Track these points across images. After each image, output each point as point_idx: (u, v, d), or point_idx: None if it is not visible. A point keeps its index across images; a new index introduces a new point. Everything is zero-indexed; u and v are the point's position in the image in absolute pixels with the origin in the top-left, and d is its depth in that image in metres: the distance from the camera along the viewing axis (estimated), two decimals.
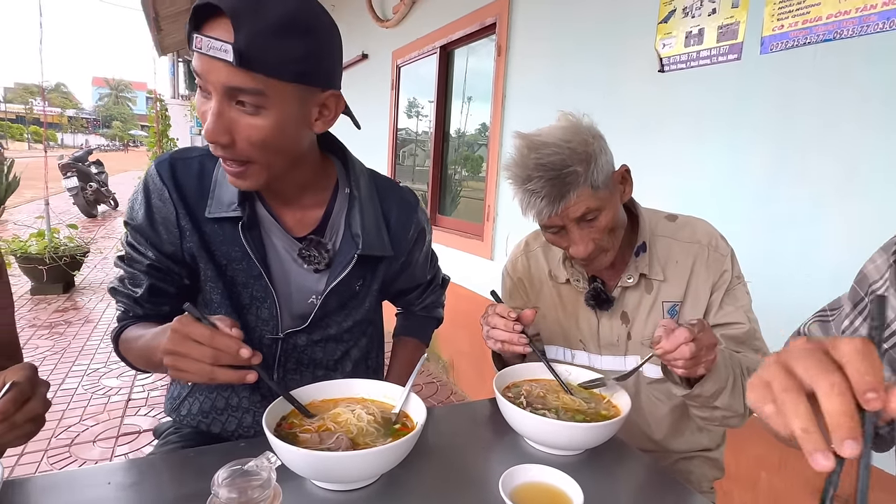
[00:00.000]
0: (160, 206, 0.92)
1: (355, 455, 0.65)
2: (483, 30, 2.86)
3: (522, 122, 2.57)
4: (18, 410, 0.63)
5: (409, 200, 1.09)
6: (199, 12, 0.73)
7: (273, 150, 0.81)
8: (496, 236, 2.78)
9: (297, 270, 0.98)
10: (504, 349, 0.96)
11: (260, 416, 1.02)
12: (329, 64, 0.81)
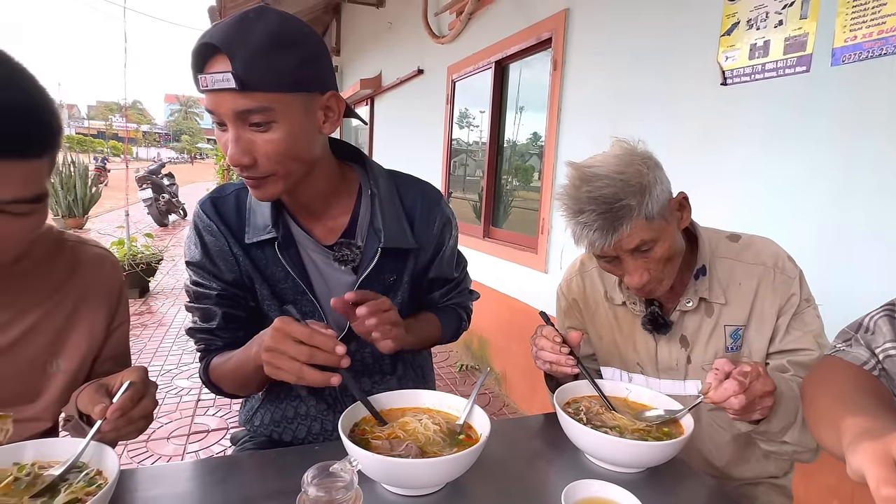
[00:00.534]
0: (212, 241, 1.00)
1: (425, 463, 0.69)
2: (539, 44, 2.89)
3: (578, 136, 2.57)
4: (135, 407, 0.71)
5: (431, 194, 1.12)
6: (198, 57, 0.82)
7: (291, 160, 0.88)
8: (550, 249, 2.78)
9: (336, 280, 1.03)
10: (553, 370, 0.98)
11: (327, 424, 1.08)
12: (320, 67, 0.88)
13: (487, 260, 3.41)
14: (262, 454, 0.91)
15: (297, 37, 0.84)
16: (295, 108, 0.85)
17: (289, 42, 0.82)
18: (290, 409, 1.08)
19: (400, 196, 1.08)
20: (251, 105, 0.81)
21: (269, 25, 0.81)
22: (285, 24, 0.83)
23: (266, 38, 0.79)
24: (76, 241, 0.91)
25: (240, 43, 0.78)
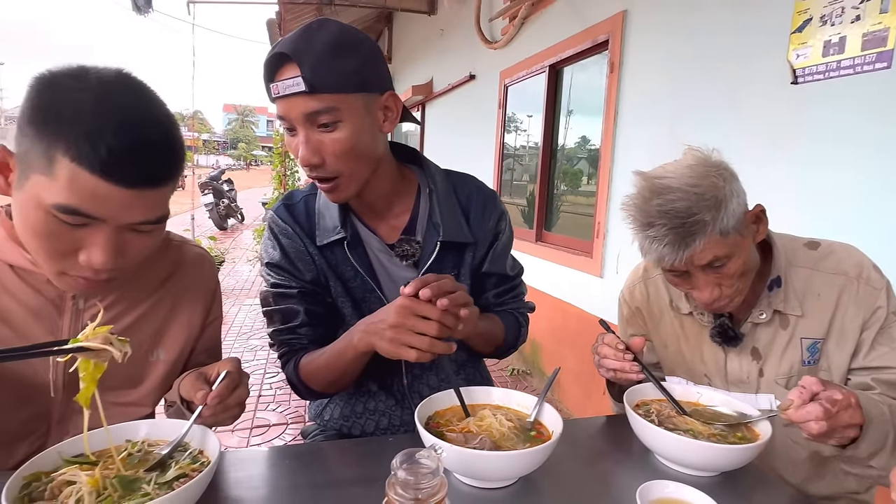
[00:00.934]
0: (289, 242, 1.06)
1: (503, 455, 0.72)
2: (595, 47, 2.87)
3: (635, 139, 2.53)
4: (231, 395, 0.77)
5: (485, 190, 1.16)
6: (270, 67, 0.90)
7: (356, 158, 0.93)
8: (606, 253, 2.74)
9: (400, 277, 1.07)
10: (617, 377, 0.97)
11: (394, 419, 1.12)
12: (378, 69, 0.95)
13: (540, 264, 3.40)
14: (340, 444, 0.96)
15: (356, 42, 0.91)
16: (358, 108, 0.91)
17: (349, 47, 0.90)
18: (360, 405, 1.13)
19: (455, 192, 1.12)
20: (319, 106, 0.88)
21: (331, 34, 0.89)
22: (344, 32, 0.91)
23: (328, 44, 0.88)
24: (180, 242, 0.99)
25: (306, 50, 0.87)
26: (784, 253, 1.00)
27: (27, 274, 0.81)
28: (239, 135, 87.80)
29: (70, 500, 0.61)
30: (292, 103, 0.89)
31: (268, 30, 8.27)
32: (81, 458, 0.69)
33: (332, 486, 0.77)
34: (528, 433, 0.82)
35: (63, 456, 0.68)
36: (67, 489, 0.62)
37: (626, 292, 1.22)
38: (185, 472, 0.68)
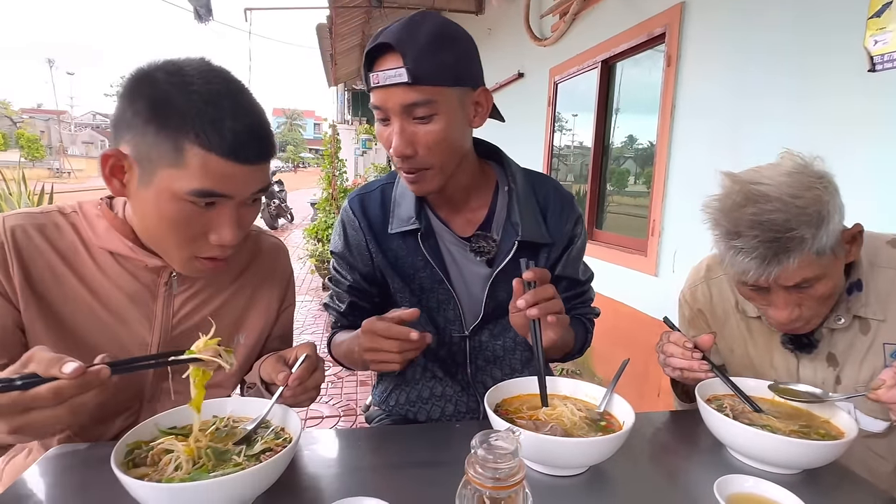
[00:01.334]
0: (353, 235, 1.11)
1: (577, 442, 0.72)
2: (650, 41, 2.80)
3: (693, 135, 2.46)
4: (309, 377, 0.80)
5: (564, 192, 1.15)
6: (371, 55, 0.91)
7: (447, 151, 0.95)
8: (662, 252, 2.67)
9: (470, 270, 1.09)
10: (684, 377, 0.94)
11: (460, 405, 1.14)
12: (474, 64, 0.97)
13: (591, 263, 3.32)
14: (408, 428, 0.98)
15: (456, 36, 0.93)
16: (453, 102, 0.93)
17: (450, 40, 0.91)
18: (426, 390, 1.15)
19: (534, 192, 1.12)
20: (418, 98, 0.89)
21: (434, 26, 0.90)
22: (445, 25, 0.92)
23: (432, 36, 0.89)
24: (257, 232, 1.04)
25: (409, 41, 0.88)
26: (865, 254, 0.93)
27: (126, 261, 0.87)
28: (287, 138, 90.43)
29: (169, 466, 0.65)
30: (391, 93, 0.90)
31: (317, 34, 8.50)
32: (175, 430, 0.74)
33: (404, 468, 0.79)
34: (598, 423, 0.81)
35: (159, 427, 0.73)
36: (166, 457, 0.66)
37: (687, 293, 1.18)
38: (269, 447, 0.71)
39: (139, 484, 0.58)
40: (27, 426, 0.59)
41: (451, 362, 1.14)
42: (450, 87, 0.91)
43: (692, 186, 2.47)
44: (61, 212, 0.87)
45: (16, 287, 0.80)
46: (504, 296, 1.09)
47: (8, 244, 0.80)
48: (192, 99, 0.72)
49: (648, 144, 2.99)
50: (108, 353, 0.85)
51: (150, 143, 0.73)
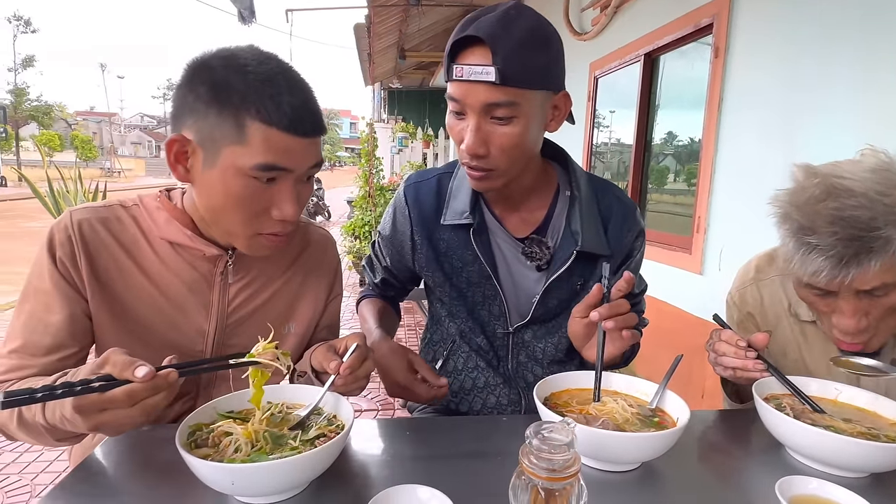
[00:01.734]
0: (401, 222, 1.11)
1: (633, 437, 0.70)
2: (696, 32, 2.72)
3: (741, 129, 2.38)
4: (360, 367, 0.81)
5: (627, 202, 1.11)
6: (457, 47, 0.86)
7: (519, 154, 0.92)
8: (707, 249, 2.60)
9: (520, 271, 1.07)
10: (736, 376, 0.91)
11: (502, 398, 1.13)
12: (562, 67, 0.92)
13: None
14: (455, 419, 0.99)
15: (548, 36, 0.88)
16: (535, 105, 0.89)
17: (542, 41, 0.87)
18: (469, 381, 1.15)
19: (597, 199, 1.08)
20: (502, 98, 0.85)
21: (529, 23, 0.86)
22: (540, 23, 0.88)
23: (526, 34, 0.84)
24: (305, 223, 1.06)
25: (503, 38, 0.83)
26: None
27: (184, 251, 0.90)
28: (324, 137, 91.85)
29: (229, 448, 0.67)
30: (473, 89, 0.86)
31: (355, 33, 8.61)
32: (233, 413, 0.76)
33: (452, 458, 0.79)
34: (651, 419, 0.80)
35: (218, 411, 0.76)
36: (226, 439, 0.69)
37: (735, 295, 1.14)
38: (323, 433, 0.73)
39: (202, 463, 0.61)
40: (104, 424, 0.64)
41: (494, 355, 1.14)
42: (535, 90, 0.87)
43: (740, 182, 2.38)
44: (122, 205, 0.91)
45: (83, 278, 0.84)
46: (555, 303, 1.07)
47: (76, 237, 0.84)
48: (249, 79, 0.75)
49: (693, 139, 2.90)
50: (171, 344, 0.89)
51: (212, 124, 0.76)
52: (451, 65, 0.87)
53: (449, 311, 1.14)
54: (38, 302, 0.83)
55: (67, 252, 0.83)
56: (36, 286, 0.84)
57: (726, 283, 1.19)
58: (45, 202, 5.08)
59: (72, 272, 0.84)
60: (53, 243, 0.83)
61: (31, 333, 0.83)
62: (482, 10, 0.87)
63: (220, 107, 0.75)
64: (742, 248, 2.36)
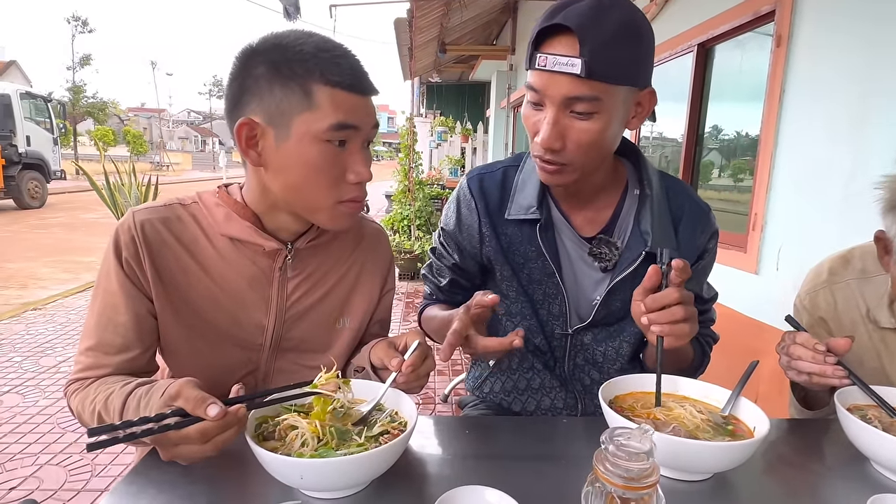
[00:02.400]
0: (467, 215, 1.07)
1: (706, 446, 0.67)
2: (756, 20, 2.59)
3: (804, 121, 2.26)
4: (422, 364, 0.80)
5: (700, 202, 1.05)
6: (543, 34, 0.83)
7: (595, 151, 0.88)
8: (764, 248, 2.48)
9: (584, 270, 1.03)
10: (812, 382, 0.86)
11: (557, 400, 1.10)
12: (651, 62, 0.87)
13: None
14: (514, 420, 0.97)
15: (643, 29, 0.83)
16: (618, 101, 0.85)
17: (636, 34, 0.82)
18: (523, 381, 1.13)
19: (668, 198, 1.03)
20: (585, 93, 0.81)
21: (623, 14, 0.81)
22: (634, 15, 0.82)
23: (619, 27, 0.80)
24: (360, 217, 1.06)
25: (594, 29, 0.79)
26: None
27: (243, 246, 0.90)
28: None
29: (296, 441, 0.68)
30: (556, 81, 0.82)
31: (395, 28, 8.64)
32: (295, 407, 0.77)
33: (514, 459, 0.78)
34: (724, 427, 0.76)
35: (282, 404, 0.76)
36: (292, 433, 0.69)
37: (805, 298, 1.08)
38: (386, 429, 0.72)
39: (273, 457, 0.61)
40: (178, 456, 0.68)
41: (550, 356, 1.11)
42: (620, 85, 0.83)
43: (802, 178, 2.26)
44: (181, 203, 0.91)
45: (148, 278, 0.86)
46: (618, 305, 1.03)
47: (139, 238, 0.85)
48: (306, 48, 0.79)
49: (749, 133, 2.78)
50: (228, 334, 0.91)
51: (279, 99, 0.79)
52: (535, 53, 0.83)
53: (508, 309, 1.11)
54: (107, 303, 0.86)
55: (132, 253, 0.85)
56: (104, 287, 0.86)
57: (784, 284, 1.13)
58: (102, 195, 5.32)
59: (137, 272, 0.85)
60: (119, 244, 0.85)
61: (103, 332, 0.85)
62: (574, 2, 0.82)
63: (283, 80, 0.78)
64: (802, 247, 2.25)
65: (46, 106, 12.99)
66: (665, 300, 0.79)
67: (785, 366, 0.91)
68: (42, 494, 2.08)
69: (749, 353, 1.69)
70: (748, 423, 0.77)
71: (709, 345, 1.12)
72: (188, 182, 22.18)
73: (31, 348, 3.67)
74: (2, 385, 3.07)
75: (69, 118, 20.63)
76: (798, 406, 1.06)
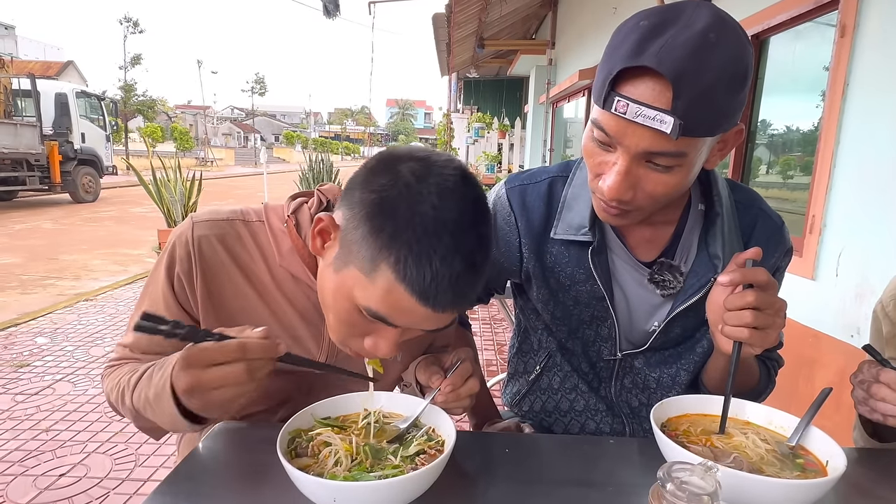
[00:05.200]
0: (505, 231, 0.98)
1: (770, 483, 0.60)
2: (817, 9, 2.43)
3: (871, 116, 2.10)
4: (463, 385, 0.76)
5: (772, 216, 0.95)
6: (623, 74, 0.68)
7: (667, 199, 0.78)
8: (822, 252, 2.33)
9: (640, 295, 0.95)
10: (891, 424, 0.77)
11: (603, 425, 1.04)
12: (745, 101, 0.73)
13: None
14: (558, 439, 0.92)
15: (748, 69, 0.69)
16: (703, 150, 0.74)
17: (741, 81, 0.68)
18: (566, 402, 1.06)
19: (738, 215, 0.93)
20: (670, 149, 0.70)
21: (730, 53, 0.66)
22: (742, 52, 0.68)
23: (723, 72, 0.66)
24: None
25: (694, 78, 0.64)
26: None
27: (301, 283, 0.85)
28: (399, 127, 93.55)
29: (329, 459, 0.65)
30: (636, 132, 0.69)
31: (433, 24, 8.60)
32: (329, 420, 0.74)
33: (560, 484, 0.73)
34: (793, 460, 0.69)
35: (315, 417, 0.74)
36: (325, 449, 0.66)
37: (889, 305, 0.98)
38: (423, 449, 0.69)
39: (306, 477, 0.58)
40: (204, 385, 0.62)
41: (595, 377, 1.04)
42: (712, 136, 0.72)
43: (867, 178, 2.11)
44: (244, 219, 0.86)
45: (197, 297, 0.82)
46: (678, 331, 0.95)
47: (195, 255, 0.81)
48: (412, 220, 0.62)
49: (806, 127, 2.62)
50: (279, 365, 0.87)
51: (357, 237, 0.66)
52: (611, 93, 0.69)
53: (546, 325, 1.04)
54: (150, 307, 0.83)
55: (185, 269, 0.81)
56: (152, 290, 0.84)
57: (843, 291, 1.03)
58: (150, 190, 5.50)
59: (186, 291, 0.82)
60: (174, 256, 0.82)
61: (141, 336, 0.83)
62: (666, 18, 0.67)
63: (370, 229, 0.64)
64: (866, 252, 2.10)
65: (100, 104, 13.58)
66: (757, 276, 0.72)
67: (860, 400, 0.82)
68: (89, 482, 2.15)
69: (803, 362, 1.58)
70: (819, 456, 0.70)
71: (774, 369, 1.01)
72: (231, 177, 22.84)
73: (83, 338, 3.83)
74: (55, 373, 3.21)
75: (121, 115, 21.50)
76: (866, 437, 0.97)
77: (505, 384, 1.22)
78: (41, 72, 19.42)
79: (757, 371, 0.93)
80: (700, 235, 0.91)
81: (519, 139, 10.38)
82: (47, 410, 2.75)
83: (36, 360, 3.41)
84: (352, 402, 0.78)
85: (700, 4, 0.69)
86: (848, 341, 2.15)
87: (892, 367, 0.79)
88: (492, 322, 4.47)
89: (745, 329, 0.72)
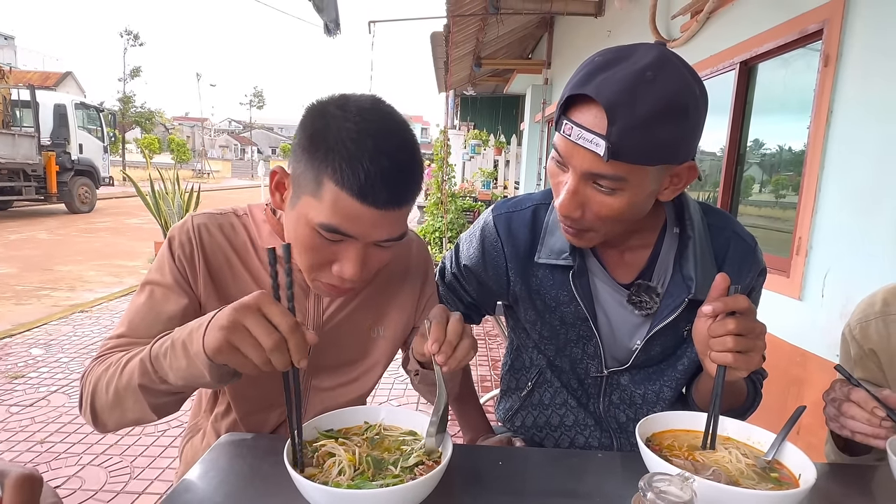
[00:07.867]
0: (493, 256, 1.04)
1: (749, 494, 0.65)
2: (801, 39, 2.53)
3: (853, 143, 2.18)
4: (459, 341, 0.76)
5: (744, 237, 1.00)
6: (571, 100, 0.77)
7: (617, 223, 0.84)
8: (808, 273, 2.40)
9: (621, 315, 0.99)
10: (856, 439, 0.82)
11: (592, 439, 1.08)
12: (695, 138, 0.79)
13: None
14: (549, 452, 0.96)
15: (689, 106, 0.74)
16: (647, 180, 0.79)
17: (679, 113, 0.74)
18: (556, 417, 1.11)
19: (711, 238, 0.97)
20: (608, 172, 0.76)
21: (667, 90, 0.72)
22: (680, 91, 0.73)
23: (658, 107, 0.72)
24: None
25: (626, 108, 0.71)
26: None
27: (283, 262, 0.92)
28: None
29: (333, 469, 0.69)
30: (578, 153, 0.77)
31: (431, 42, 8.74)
32: (332, 432, 0.78)
33: (550, 496, 0.77)
34: (769, 474, 0.74)
35: (319, 430, 0.78)
36: (330, 460, 0.70)
37: (856, 328, 1.03)
38: (421, 460, 0.73)
39: (312, 486, 0.62)
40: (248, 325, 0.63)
41: (583, 393, 1.08)
42: (653, 165, 0.77)
43: (851, 201, 2.18)
44: (235, 213, 0.96)
45: (199, 277, 0.90)
46: (657, 350, 1.00)
47: (196, 240, 0.90)
48: (340, 135, 0.73)
49: (794, 153, 2.70)
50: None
51: (301, 170, 0.77)
52: (562, 117, 0.79)
53: (536, 344, 1.09)
54: (155, 296, 0.87)
55: (187, 252, 0.89)
56: (157, 280, 0.89)
57: (829, 312, 1.08)
58: (147, 202, 5.54)
59: (188, 271, 0.89)
60: (174, 243, 0.90)
61: (141, 321, 0.86)
62: (616, 56, 0.75)
63: (309, 157, 0.76)
64: (850, 273, 2.16)
65: (98, 115, 13.66)
66: (735, 305, 0.76)
67: (831, 417, 0.87)
68: (83, 494, 2.16)
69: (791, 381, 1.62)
70: (793, 470, 0.74)
71: (759, 382, 1.06)
72: (228, 189, 22.86)
73: (78, 349, 3.83)
74: (50, 385, 3.21)
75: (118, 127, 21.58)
76: (837, 451, 1.02)
77: (498, 400, 1.27)
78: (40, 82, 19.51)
79: (745, 389, 0.98)
80: (675, 258, 0.96)
81: (514, 156, 10.50)
82: (42, 422, 2.75)
83: (31, 371, 3.41)
84: (353, 415, 0.82)
85: (652, 47, 0.77)
86: (834, 360, 2.20)
87: (861, 387, 0.84)
88: (486, 338, 4.50)
89: (729, 354, 0.77)
